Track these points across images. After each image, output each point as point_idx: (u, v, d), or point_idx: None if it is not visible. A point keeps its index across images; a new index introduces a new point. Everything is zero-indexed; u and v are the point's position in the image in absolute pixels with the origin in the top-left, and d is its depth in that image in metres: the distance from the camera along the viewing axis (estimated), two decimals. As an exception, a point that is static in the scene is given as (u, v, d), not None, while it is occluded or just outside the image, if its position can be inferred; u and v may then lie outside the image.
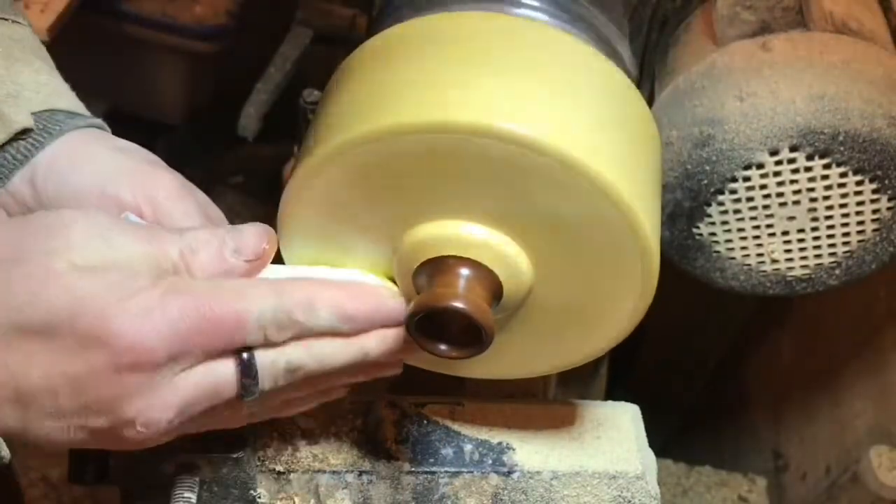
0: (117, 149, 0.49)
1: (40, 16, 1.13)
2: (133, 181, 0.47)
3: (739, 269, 0.68)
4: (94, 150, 0.48)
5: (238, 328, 0.41)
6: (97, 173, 0.47)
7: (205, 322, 0.41)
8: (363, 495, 0.54)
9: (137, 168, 0.48)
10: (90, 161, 0.48)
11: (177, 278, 0.42)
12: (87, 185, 0.47)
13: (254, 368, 0.42)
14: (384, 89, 0.44)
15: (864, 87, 0.62)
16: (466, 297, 0.43)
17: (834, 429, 1.05)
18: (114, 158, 0.48)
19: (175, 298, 0.41)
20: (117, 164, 0.48)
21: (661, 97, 0.68)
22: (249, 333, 0.42)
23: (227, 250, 0.44)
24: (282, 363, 0.43)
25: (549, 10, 0.53)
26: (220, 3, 1.57)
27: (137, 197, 0.47)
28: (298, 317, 0.43)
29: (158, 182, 0.48)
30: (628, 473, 0.55)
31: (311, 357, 0.44)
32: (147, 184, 0.47)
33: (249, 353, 0.42)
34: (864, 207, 0.64)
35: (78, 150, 0.48)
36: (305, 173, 0.44)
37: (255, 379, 0.43)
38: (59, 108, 0.50)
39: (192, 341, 0.41)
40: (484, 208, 0.44)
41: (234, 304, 0.41)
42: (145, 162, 0.49)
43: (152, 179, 0.48)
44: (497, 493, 0.55)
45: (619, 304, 0.46)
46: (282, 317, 0.42)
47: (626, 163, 0.44)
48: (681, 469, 1.18)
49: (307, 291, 0.43)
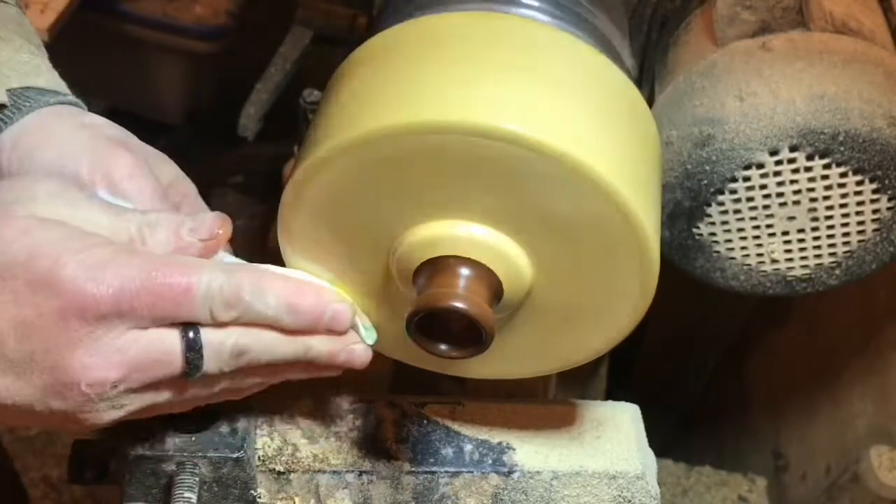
0: (81, 126, 0.49)
1: (40, 16, 1.13)
2: (92, 159, 0.47)
3: (739, 269, 0.68)
4: (60, 128, 0.48)
5: (186, 297, 0.42)
6: (59, 151, 0.48)
7: (154, 284, 0.42)
8: (363, 495, 0.54)
9: (97, 146, 0.48)
10: (55, 139, 0.48)
11: (132, 245, 0.44)
12: (49, 163, 0.47)
13: (199, 343, 0.43)
14: (384, 89, 0.44)
15: (864, 87, 0.62)
16: (466, 297, 0.43)
17: (834, 429, 1.05)
18: (75, 137, 0.48)
19: (129, 258, 0.42)
20: (79, 142, 0.48)
21: (661, 97, 0.68)
22: (197, 305, 0.43)
23: (184, 229, 0.45)
24: (228, 345, 0.44)
25: (550, 10, 0.53)
26: (220, 3, 1.57)
27: (94, 175, 0.47)
28: (245, 296, 0.44)
29: (116, 160, 0.48)
30: (628, 473, 0.55)
31: (256, 342, 0.45)
32: (104, 162, 0.48)
33: (195, 329, 0.43)
34: (864, 207, 0.64)
35: (45, 128, 0.48)
36: (306, 173, 0.44)
37: (199, 354, 0.44)
38: (37, 85, 0.50)
39: (140, 300, 0.42)
40: (484, 208, 0.44)
41: (185, 272, 0.43)
42: (106, 139, 0.49)
43: (110, 157, 0.48)
44: (497, 493, 0.55)
45: (619, 304, 0.46)
46: (229, 294, 0.43)
47: (627, 163, 0.44)
48: (681, 469, 1.18)
49: (257, 277, 0.45)
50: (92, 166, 0.47)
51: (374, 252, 0.47)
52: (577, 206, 0.43)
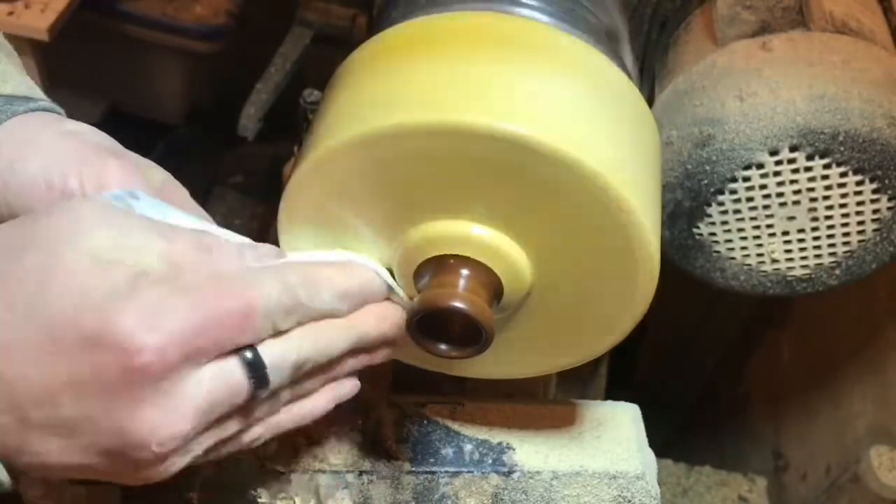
0: (64, 134, 0.46)
1: (40, 15, 1.13)
2: (80, 168, 0.45)
3: (739, 269, 0.68)
4: (40, 138, 0.46)
5: (249, 320, 0.39)
6: (43, 164, 0.45)
7: (215, 316, 0.38)
8: (363, 495, 0.54)
9: (84, 155, 0.45)
10: (36, 150, 0.45)
11: (186, 274, 0.40)
12: (34, 177, 0.44)
13: (261, 362, 0.40)
14: (384, 89, 0.44)
15: (864, 87, 0.62)
16: (466, 297, 0.43)
17: (834, 429, 1.05)
18: (59, 146, 0.45)
19: (182, 293, 0.38)
20: (63, 152, 0.45)
21: (661, 97, 0.68)
22: (259, 324, 0.40)
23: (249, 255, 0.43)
24: (291, 356, 0.41)
25: (550, 10, 0.53)
26: (220, 3, 1.57)
27: (85, 186, 0.44)
28: (302, 298, 0.41)
29: (106, 169, 0.45)
30: (628, 473, 0.55)
31: (315, 343, 0.42)
32: (94, 169, 0.45)
33: (253, 348, 0.40)
34: (864, 207, 0.64)
35: (25, 138, 0.46)
36: (305, 173, 0.44)
37: (263, 373, 0.41)
38: (3, 92, 0.47)
39: (204, 337, 0.38)
40: (484, 208, 0.44)
41: (244, 292, 0.40)
42: (92, 147, 0.46)
43: (99, 164, 0.45)
44: (497, 493, 0.55)
45: (619, 304, 0.46)
46: (287, 302, 0.41)
47: (626, 163, 0.44)
48: (681, 469, 1.18)
49: (306, 272, 0.42)
50: (81, 177, 0.45)
51: (375, 252, 0.47)
52: (577, 207, 0.43)
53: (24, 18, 1.12)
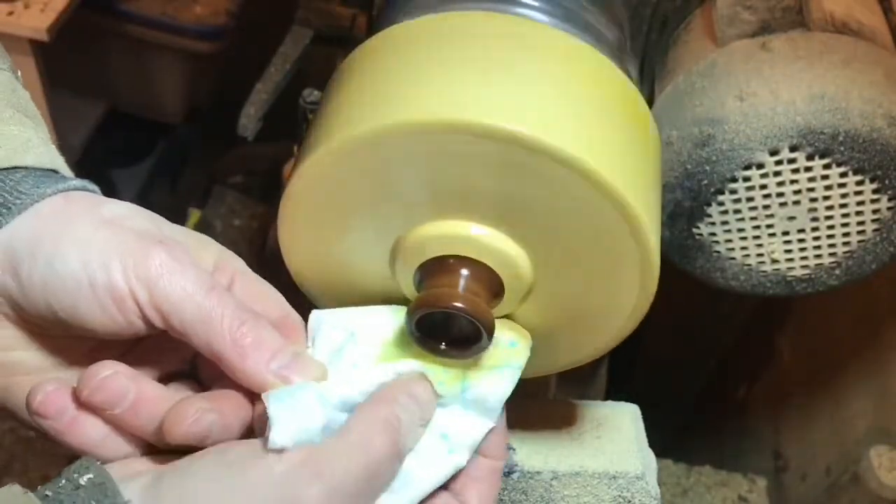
0: (102, 223, 0.43)
1: (40, 15, 1.13)
2: (122, 263, 0.41)
3: (739, 269, 0.68)
4: (76, 229, 0.42)
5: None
6: (83, 259, 0.41)
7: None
8: (363, 495, 0.54)
9: (127, 246, 0.42)
10: (73, 243, 0.41)
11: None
12: (74, 275, 0.41)
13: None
14: (384, 89, 0.44)
15: (864, 87, 0.62)
16: (466, 297, 0.43)
17: (834, 429, 1.05)
18: (98, 237, 0.42)
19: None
20: (103, 244, 0.42)
21: (661, 97, 0.68)
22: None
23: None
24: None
25: (550, 10, 0.53)
26: (220, 3, 1.57)
27: (130, 281, 0.41)
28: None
29: (151, 260, 0.42)
30: (628, 473, 0.55)
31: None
32: (137, 264, 0.41)
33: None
34: (865, 207, 0.64)
35: (58, 231, 0.42)
36: (305, 173, 0.44)
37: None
38: (24, 164, 0.43)
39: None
40: (484, 208, 0.44)
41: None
42: (135, 236, 0.42)
43: (142, 257, 0.42)
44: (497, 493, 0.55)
45: (620, 304, 0.46)
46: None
47: (627, 163, 0.44)
48: (681, 469, 1.18)
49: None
50: (125, 271, 0.41)
51: (374, 252, 0.47)
52: (577, 207, 0.43)
53: (24, 18, 1.12)
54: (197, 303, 0.41)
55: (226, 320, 0.42)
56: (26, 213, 0.42)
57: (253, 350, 0.42)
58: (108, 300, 0.41)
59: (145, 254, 0.42)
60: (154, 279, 0.41)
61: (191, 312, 0.41)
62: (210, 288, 0.42)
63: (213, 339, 0.41)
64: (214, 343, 0.42)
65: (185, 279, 0.42)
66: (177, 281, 0.41)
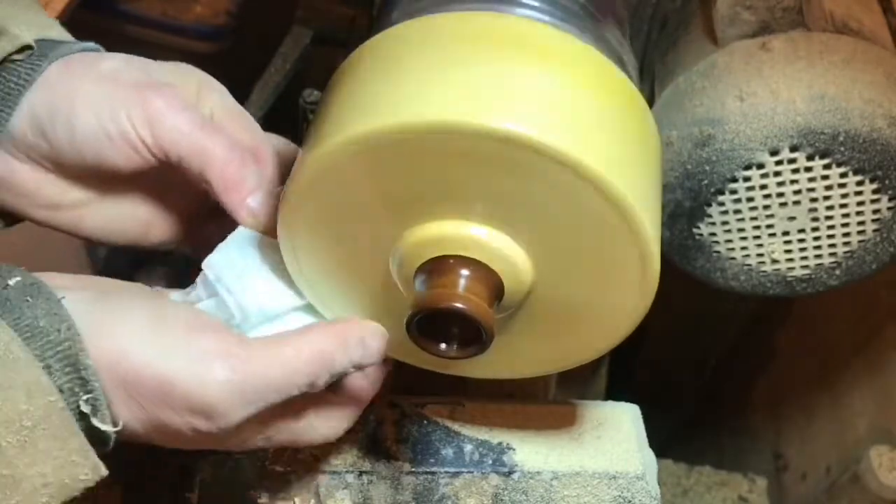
0: (101, 78, 0.49)
1: (40, 16, 1.13)
2: (127, 112, 0.48)
3: (739, 269, 0.68)
4: (82, 89, 0.49)
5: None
6: (95, 116, 0.48)
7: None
8: (363, 495, 0.54)
9: (127, 97, 0.48)
10: (85, 100, 0.48)
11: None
12: (91, 128, 0.48)
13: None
14: (384, 89, 0.44)
15: (864, 87, 0.62)
16: (466, 297, 0.43)
17: (834, 429, 1.05)
18: (101, 92, 0.48)
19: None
20: (107, 100, 0.48)
21: (661, 97, 0.68)
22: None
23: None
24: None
25: (550, 10, 0.53)
26: (220, 3, 1.56)
27: (136, 127, 0.48)
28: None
29: (151, 108, 0.48)
30: (628, 473, 0.55)
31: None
32: (139, 112, 0.48)
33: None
34: (865, 207, 0.64)
35: (68, 91, 0.48)
36: (305, 173, 0.44)
37: None
38: (51, 37, 0.51)
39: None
40: (484, 208, 0.44)
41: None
42: (132, 87, 0.49)
43: (142, 106, 0.48)
44: (497, 493, 0.55)
45: (620, 305, 0.46)
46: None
47: (627, 163, 0.44)
48: (681, 469, 1.18)
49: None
50: (130, 120, 0.48)
51: (374, 252, 0.47)
52: (578, 207, 0.43)
53: (23, 18, 1.12)
54: (191, 140, 0.48)
55: (217, 155, 0.48)
56: (37, 83, 0.49)
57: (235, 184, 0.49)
58: (122, 144, 0.48)
59: (143, 102, 0.48)
60: (154, 123, 0.48)
61: (186, 148, 0.48)
62: (200, 126, 0.49)
63: (205, 171, 0.48)
64: (206, 174, 0.48)
65: (179, 120, 0.48)
66: (171, 122, 0.48)
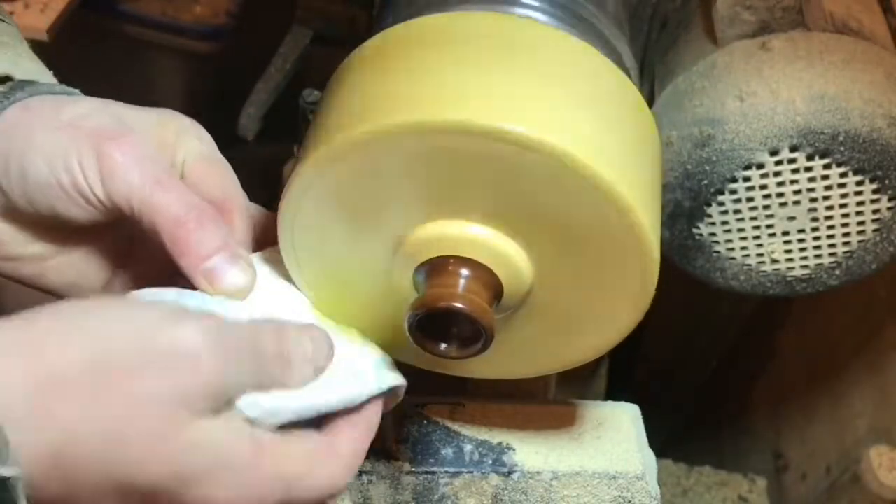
0: (58, 126, 0.46)
1: (40, 16, 1.13)
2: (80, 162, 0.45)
3: (739, 269, 0.68)
4: (37, 136, 0.45)
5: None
6: (47, 163, 0.45)
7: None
8: (363, 495, 0.54)
9: (80, 147, 0.45)
10: (38, 150, 0.45)
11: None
12: (45, 178, 0.45)
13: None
14: (384, 89, 0.44)
15: (864, 87, 0.62)
16: (466, 297, 0.43)
17: (834, 429, 1.05)
18: (55, 139, 0.45)
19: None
20: (61, 147, 0.45)
21: (661, 97, 0.68)
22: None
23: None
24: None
25: (550, 10, 0.53)
26: (220, 3, 1.57)
27: (88, 178, 0.45)
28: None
29: (102, 158, 0.45)
30: (628, 473, 0.55)
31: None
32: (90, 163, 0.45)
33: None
34: (865, 207, 0.64)
35: (24, 136, 0.45)
36: (305, 173, 0.44)
37: None
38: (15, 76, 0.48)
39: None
40: (484, 208, 0.44)
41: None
42: (87, 135, 0.45)
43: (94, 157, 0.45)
44: (497, 493, 0.55)
45: (620, 305, 0.46)
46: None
47: (626, 163, 0.44)
48: (681, 469, 1.18)
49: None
50: (83, 171, 0.45)
51: (374, 252, 0.47)
52: (578, 207, 0.43)
53: (23, 18, 1.12)
54: (141, 197, 0.45)
55: (171, 212, 0.45)
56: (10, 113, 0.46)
57: (188, 247, 0.45)
58: (76, 195, 0.45)
59: (98, 151, 0.45)
60: (105, 175, 0.45)
61: (137, 203, 0.45)
62: (154, 181, 0.45)
63: (157, 230, 0.45)
64: (158, 233, 0.45)
65: (133, 173, 0.45)
66: (123, 175, 0.45)
